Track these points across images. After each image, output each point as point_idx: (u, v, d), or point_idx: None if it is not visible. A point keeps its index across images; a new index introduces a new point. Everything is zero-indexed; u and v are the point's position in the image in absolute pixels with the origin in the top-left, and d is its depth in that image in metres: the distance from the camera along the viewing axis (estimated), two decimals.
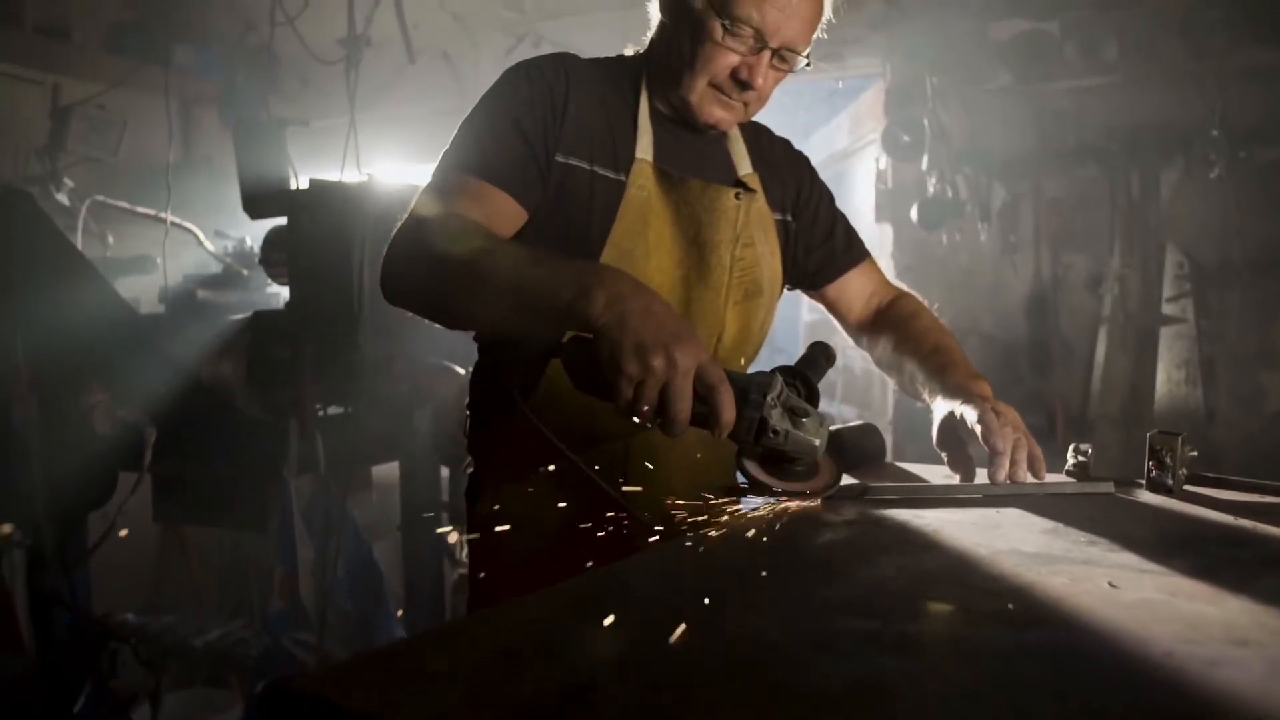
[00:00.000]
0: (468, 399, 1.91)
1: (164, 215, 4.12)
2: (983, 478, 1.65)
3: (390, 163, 5.23)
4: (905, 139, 5.00)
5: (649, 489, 1.60)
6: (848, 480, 1.59)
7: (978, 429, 1.64)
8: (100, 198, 4.45)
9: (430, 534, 3.66)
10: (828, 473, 1.50)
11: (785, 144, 2.10)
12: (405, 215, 1.62)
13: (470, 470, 1.90)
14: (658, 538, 1.38)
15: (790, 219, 2.01)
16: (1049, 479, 1.67)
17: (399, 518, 3.77)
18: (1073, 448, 1.80)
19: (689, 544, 1.27)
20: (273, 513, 3.41)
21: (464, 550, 3.28)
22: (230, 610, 4.48)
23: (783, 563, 1.21)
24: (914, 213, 4.96)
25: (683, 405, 1.27)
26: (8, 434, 2.82)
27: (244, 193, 3.77)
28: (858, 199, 5.95)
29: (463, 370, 3.52)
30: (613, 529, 1.46)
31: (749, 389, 1.33)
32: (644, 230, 1.72)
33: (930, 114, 4.93)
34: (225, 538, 4.54)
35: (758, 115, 1.88)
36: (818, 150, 6.87)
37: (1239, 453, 4.47)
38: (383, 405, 3.55)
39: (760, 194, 1.91)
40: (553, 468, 1.50)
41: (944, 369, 1.87)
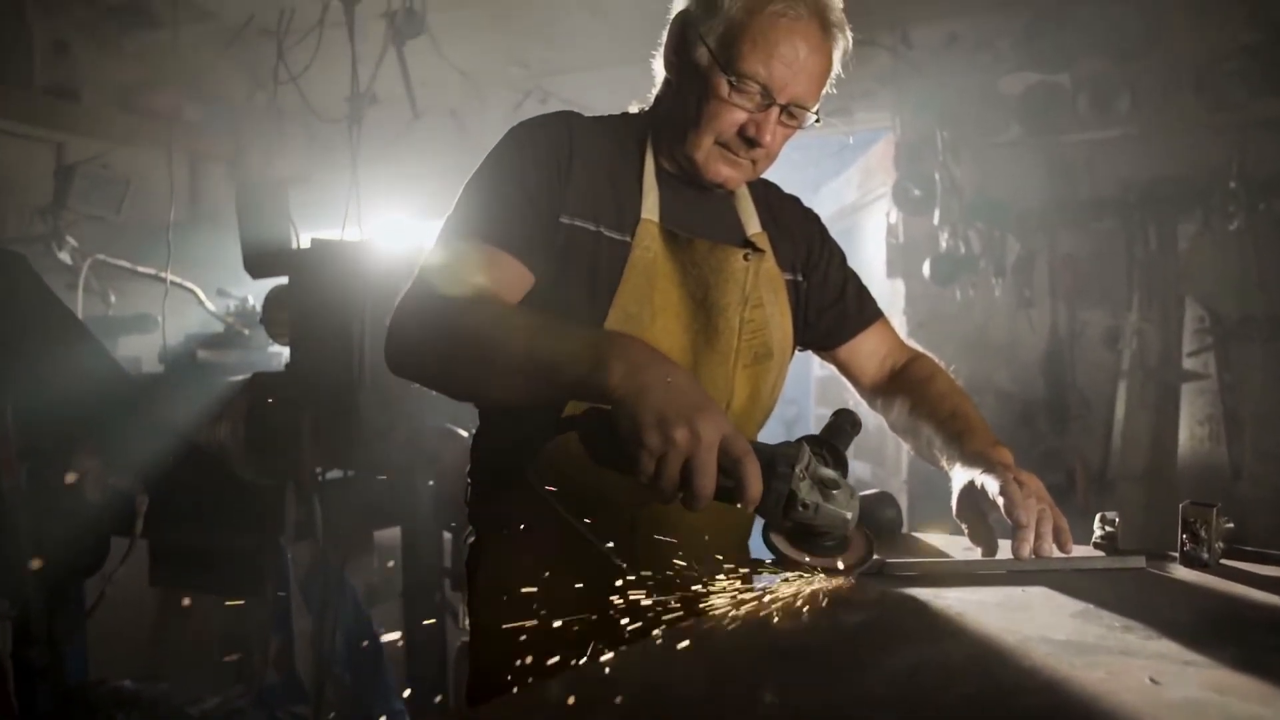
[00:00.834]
0: (469, 466, 1.85)
1: (164, 275, 4.07)
2: (1005, 550, 1.58)
3: (398, 215, 5.23)
4: (916, 193, 4.97)
5: (660, 562, 1.53)
6: None
7: (1000, 501, 1.57)
8: (101, 256, 4.42)
9: (432, 601, 3.56)
10: (860, 546, 1.43)
11: (794, 201, 2.06)
12: (410, 282, 1.58)
13: (471, 540, 1.85)
14: (670, 615, 1.32)
15: (801, 279, 1.96)
16: (1075, 551, 1.59)
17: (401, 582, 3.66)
18: (1099, 517, 1.72)
19: (701, 627, 1.22)
20: (269, 580, 3.32)
21: (466, 619, 3.19)
22: (232, 676, 4.38)
23: (798, 651, 1.15)
24: (926, 268, 4.91)
25: (707, 480, 1.22)
26: None
27: (245, 252, 3.74)
28: (868, 254, 5.90)
29: (466, 434, 3.45)
30: (622, 605, 1.40)
31: (776, 461, 1.28)
32: (650, 293, 1.68)
33: (941, 168, 4.90)
34: (225, 602, 4.44)
35: (766, 172, 1.84)
36: (827, 204, 6.84)
37: (1267, 511, 4.35)
38: (384, 469, 3.48)
39: (769, 253, 1.86)
40: (559, 539, 1.46)
41: (962, 435, 1.80)
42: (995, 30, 4.81)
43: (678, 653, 1.15)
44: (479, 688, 1.76)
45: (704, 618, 1.26)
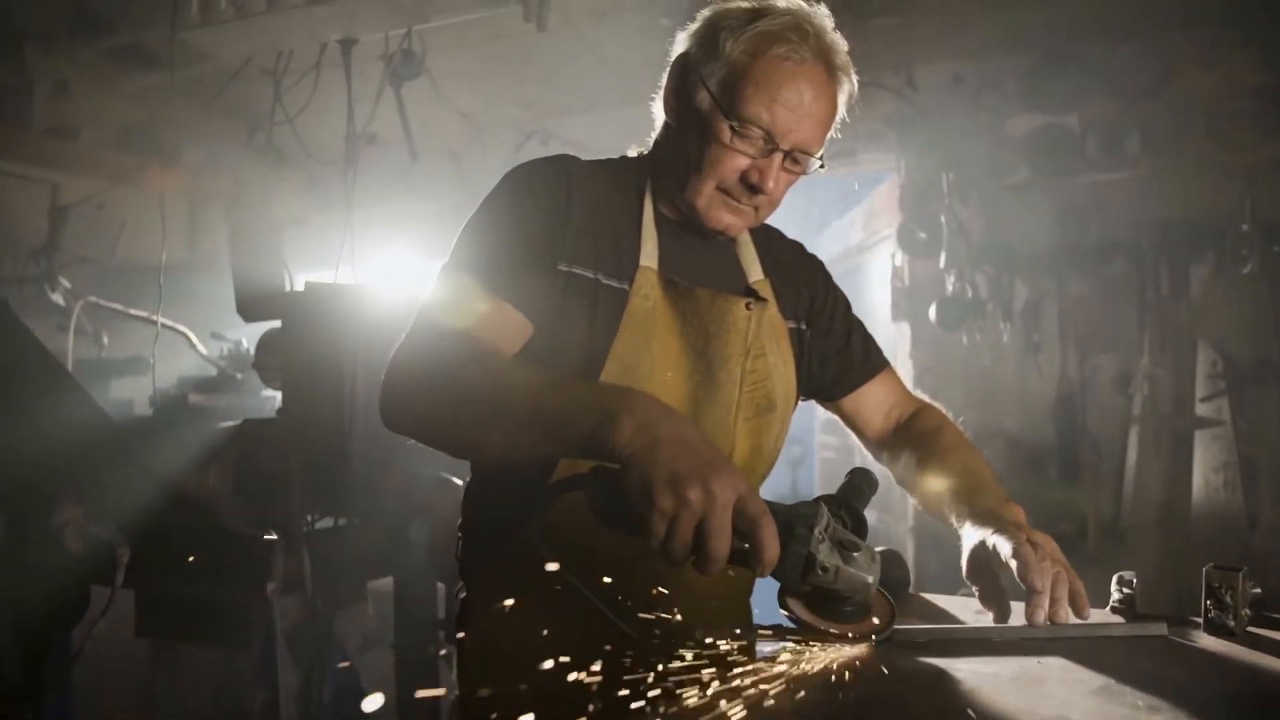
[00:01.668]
0: (460, 519, 1.81)
1: (155, 317, 4.02)
2: (1018, 613, 1.50)
3: (399, 254, 5.20)
4: (922, 235, 4.94)
5: (665, 627, 1.47)
6: None
7: (1013, 564, 1.49)
8: (93, 299, 4.37)
9: (425, 654, 3.47)
10: (882, 612, 1.38)
11: (798, 247, 2.01)
12: (405, 334, 1.53)
13: (462, 595, 1.79)
14: (673, 682, 1.25)
15: (804, 327, 1.91)
16: (1092, 615, 1.51)
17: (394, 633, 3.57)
18: (1116, 579, 1.65)
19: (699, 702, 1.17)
20: (256, 633, 3.24)
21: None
22: None
23: None
24: (932, 312, 4.87)
25: (721, 542, 1.16)
26: None
27: (238, 295, 3.72)
28: (873, 296, 5.86)
29: (460, 482, 3.37)
30: (621, 670, 1.32)
31: (793, 522, 1.22)
32: (648, 342, 1.63)
33: (947, 210, 4.89)
34: (217, 652, 4.36)
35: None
36: (831, 245, 6.81)
37: None
38: (376, 518, 3.42)
39: (772, 302, 1.82)
40: (552, 599, 1.39)
41: (972, 491, 1.73)
42: (1001, 72, 4.81)
43: None
44: None
45: (706, 694, 1.19)
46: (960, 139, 4.82)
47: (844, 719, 1.15)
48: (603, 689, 1.33)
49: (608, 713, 1.17)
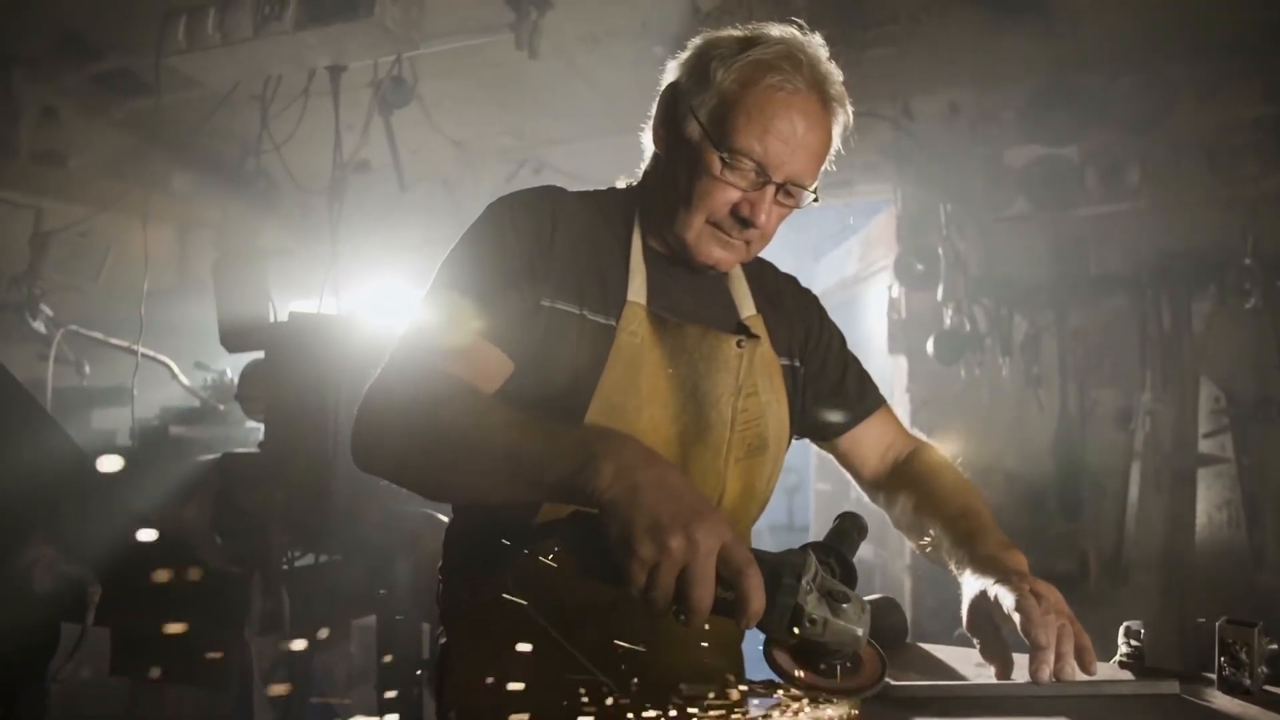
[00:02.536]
0: (441, 561, 1.76)
1: (136, 347, 3.96)
2: (1021, 666, 1.46)
3: (390, 283, 5.15)
4: (919, 267, 4.91)
5: (649, 678, 1.42)
6: None
7: (1016, 617, 1.45)
8: (74, 327, 4.31)
9: (410, 695, 3.38)
10: (872, 666, 1.33)
11: (792, 281, 1.98)
12: (380, 370, 1.49)
13: (443, 641, 1.74)
14: None
15: (798, 364, 1.87)
16: (1099, 669, 1.47)
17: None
18: (1123, 630, 1.61)
19: None
20: (233, 673, 3.15)
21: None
22: None
23: None
24: (930, 345, 4.82)
25: (704, 592, 1.13)
26: None
27: (221, 325, 3.66)
28: (869, 328, 5.82)
29: (445, 519, 3.30)
30: None
31: (780, 571, 1.19)
32: (635, 381, 1.59)
33: (945, 242, 4.86)
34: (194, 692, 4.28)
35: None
36: (827, 276, 6.77)
37: None
38: (359, 555, 3.36)
39: (765, 338, 1.78)
40: (533, 649, 1.39)
41: (972, 536, 1.69)
42: (999, 102, 4.80)
43: None
44: None
45: None
46: (958, 170, 4.80)
47: None
48: None
49: None
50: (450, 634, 1.73)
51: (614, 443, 1.21)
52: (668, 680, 1.36)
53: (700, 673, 1.42)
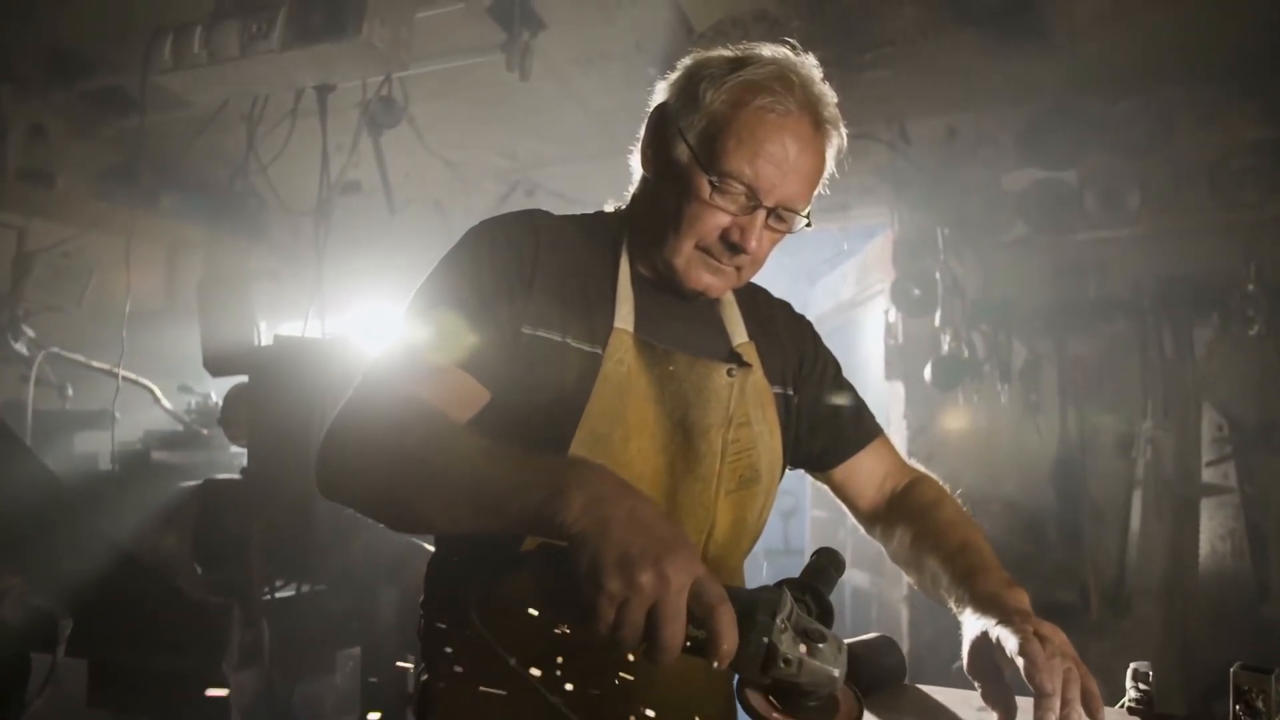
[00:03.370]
0: (422, 595, 1.71)
1: (117, 370, 3.90)
2: (1025, 711, 1.40)
3: (380, 305, 5.12)
4: (916, 292, 4.86)
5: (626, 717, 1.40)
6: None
7: (1019, 661, 1.37)
8: (56, 349, 4.26)
9: None
10: (847, 707, 1.28)
11: (785, 307, 1.93)
12: (348, 396, 1.44)
13: (424, 678, 1.67)
14: None
15: (791, 393, 1.82)
16: (1106, 714, 1.40)
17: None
18: (1131, 673, 1.56)
19: None
20: (212, 708, 3.08)
21: None
22: None
23: None
24: (927, 371, 4.78)
25: (674, 630, 1.08)
26: None
27: (205, 349, 3.64)
28: (865, 353, 5.76)
29: (432, 548, 3.25)
30: None
31: (754, 609, 1.14)
32: (622, 411, 1.54)
33: (942, 266, 4.81)
34: None
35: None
36: (822, 300, 6.71)
37: None
38: (342, 585, 3.32)
39: (757, 366, 1.73)
40: (514, 689, 1.33)
41: (973, 573, 1.62)
42: (997, 125, 4.76)
43: None
44: None
45: None
46: (955, 193, 4.75)
47: None
48: None
49: None
50: (431, 672, 1.66)
51: (586, 472, 1.17)
52: None
53: (682, 715, 1.38)
